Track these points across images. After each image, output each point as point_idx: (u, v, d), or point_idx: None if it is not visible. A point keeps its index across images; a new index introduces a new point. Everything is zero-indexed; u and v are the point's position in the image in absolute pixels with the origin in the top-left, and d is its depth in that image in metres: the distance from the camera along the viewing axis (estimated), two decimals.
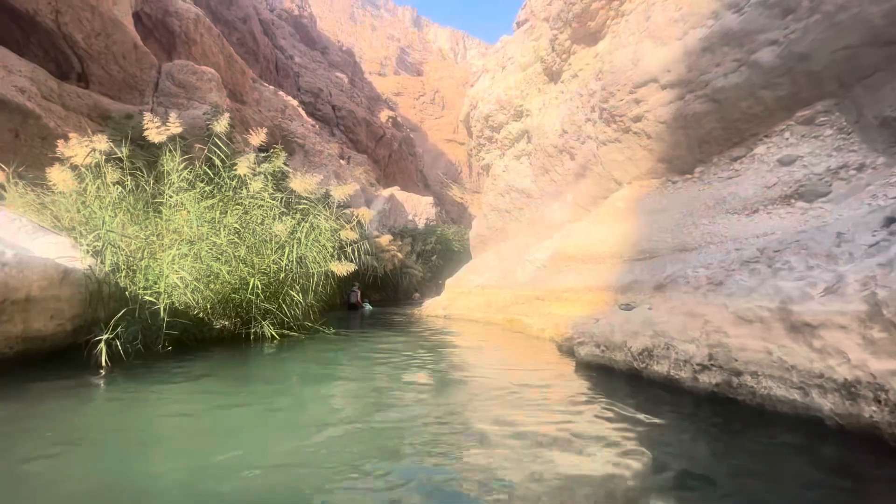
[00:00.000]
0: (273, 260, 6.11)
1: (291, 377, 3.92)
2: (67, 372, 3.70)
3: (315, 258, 6.49)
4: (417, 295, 19.07)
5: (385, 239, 15.54)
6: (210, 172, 6.26)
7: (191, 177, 6.14)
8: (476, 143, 10.91)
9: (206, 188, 6.08)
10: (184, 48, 17.78)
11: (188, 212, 5.71)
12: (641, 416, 2.56)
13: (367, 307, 14.45)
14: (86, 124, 12.02)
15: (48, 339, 4.02)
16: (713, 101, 5.03)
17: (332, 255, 6.89)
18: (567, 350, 4.85)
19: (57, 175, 5.50)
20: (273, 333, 5.62)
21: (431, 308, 10.72)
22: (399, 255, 17.61)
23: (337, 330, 6.76)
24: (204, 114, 13.23)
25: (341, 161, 25.48)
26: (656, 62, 5.47)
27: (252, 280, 5.57)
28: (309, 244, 6.58)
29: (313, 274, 6.48)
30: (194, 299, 4.99)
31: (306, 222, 6.74)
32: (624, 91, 5.93)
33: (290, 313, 6.00)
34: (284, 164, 7.30)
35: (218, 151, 6.25)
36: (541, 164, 8.69)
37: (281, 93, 24.12)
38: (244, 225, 6.06)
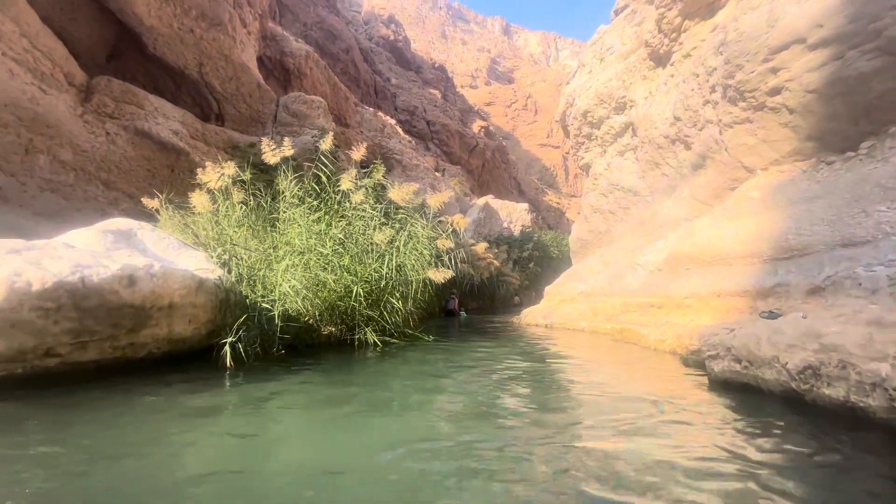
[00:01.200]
0: (374, 268, 6.30)
1: (394, 384, 3.90)
2: (201, 370, 4.11)
3: (413, 266, 6.56)
4: (518, 299, 18.59)
5: (481, 247, 15.45)
6: (317, 188, 6.71)
7: (301, 193, 6.63)
8: (574, 142, 10.33)
9: (314, 203, 6.51)
10: (297, 82, 19.81)
11: (299, 225, 6.16)
12: (820, 458, 1.99)
13: (463, 315, 14.46)
14: (221, 156, 13.88)
15: (187, 340, 4.53)
16: (888, 54, 4.01)
17: (430, 263, 6.92)
18: (695, 364, 4.18)
19: (196, 198, 6.32)
20: (375, 340, 5.75)
21: (531, 316, 10.29)
22: (495, 262, 17.39)
23: (436, 337, 6.74)
24: (312, 136, 14.47)
25: (436, 173, 26.19)
26: (803, 17, 4.54)
27: (355, 288, 5.78)
28: (407, 252, 6.68)
29: (412, 281, 6.55)
30: (304, 306, 5.31)
31: (404, 231, 6.87)
32: (756, 61, 5.05)
33: (391, 320, 6.11)
34: (383, 177, 7.57)
35: (324, 168, 6.68)
36: (649, 157, 7.87)
37: (380, 113, 25.64)
38: (347, 235, 6.35)
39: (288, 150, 6.62)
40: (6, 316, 3.07)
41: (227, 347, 4.17)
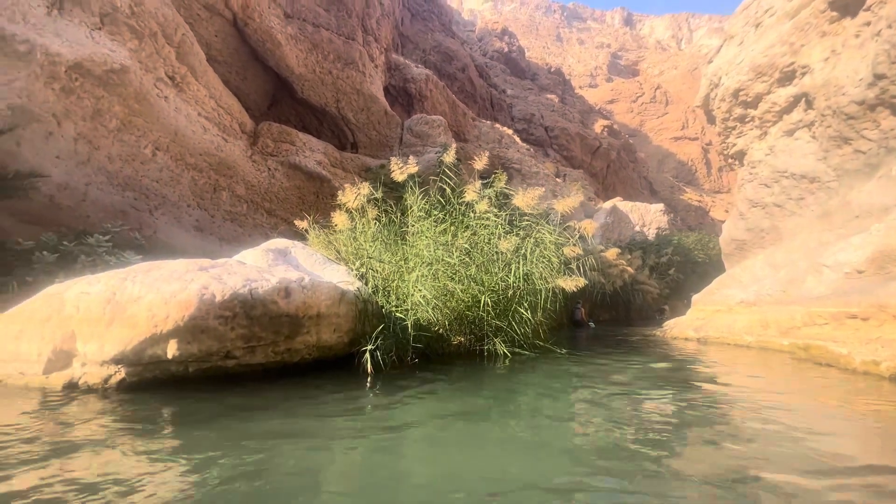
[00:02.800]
0: (500, 277, 6.16)
1: (526, 402, 3.66)
2: (344, 376, 4.39)
3: (541, 274, 6.26)
4: (667, 308, 16.66)
5: (612, 253, 14.29)
6: (442, 201, 6.86)
7: (427, 206, 6.85)
8: (721, 127, 8.93)
9: (439, 215, 6.65)
10: (418, 105, 21.03)
11: (426, 237, 6.34)
12: None
13: (592, 326, 13.50)
14: (356, 179, 15.31)
15: (333, 348, 4.90)
16: None
17: (558, 271, 6.54)
18: None
19: (337, 218, 6.97)
20: (505, 351, 5.57)
21: (678, 329, 9.07)
22: (629, 269, 15.93)
23: (568, 350, 6.30)
24: (436, 153, 15.09)
25: (557, 179, 25.29)
26: None
27: (482, 297, 5.70)
28: (534, 260, 6.41)
29: (540, 290, 6.24)
30: (434, 316, 5.38)
31: (530, 238, 6.62)
32: None
33: (520, 331, 5.88)
34: (505, 186, 7.45)
35: (448, 181, 6.82)
36: (834, 133, 6.35)
37: (497, 125, 25.82)
38: (473, 245, 6.34)
39: (413, 167, 6.93)
40: (197, 323, 3.64)
41: (367, 355, 4.39)
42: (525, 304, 6.08)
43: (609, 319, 15.96)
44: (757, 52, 7.56)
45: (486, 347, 5.73)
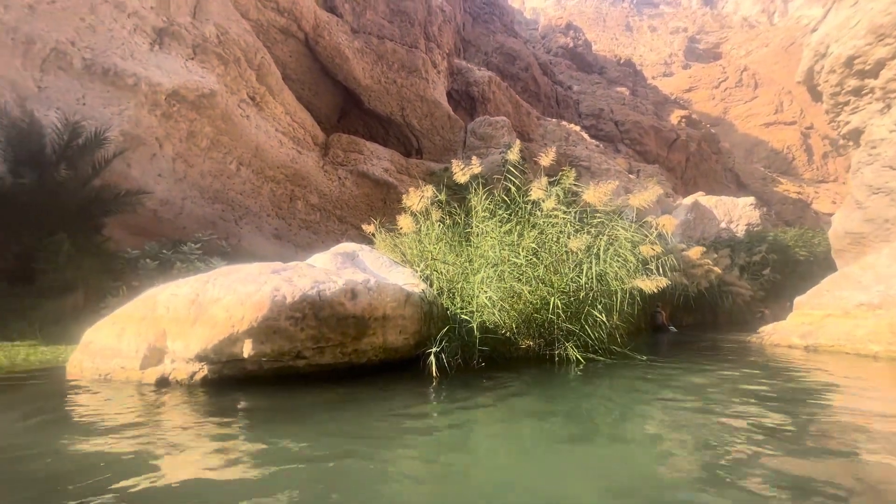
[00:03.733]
0: (571, 278, 5.81)
1: (601, 411, 3.35)
2: (410, 378, 4.34)
3: (616, 274, 5.81)
4: (768, 311, 14.94)
5: (695, 252, 13.09)
6: (507, 200, 6.65)
7: (491, 206, 6.68)
8: (830, 104, 7.79)
9: (504, 214, 6.45)
10: (482, 108, 20.93)
11: (491, 237, 6.17)
12: None
13: (672, 330, 12.44)
14: (421, 184, 15.52)
15: (399, 350, 4.89)
16: None
17: (635, 271, 6.05)
18: None
19: (402, 221, 7.03)
20: (577, 356, 5.22)
21: (778, 335, 8.02)
22: (716, 269, 14.51)
23: (649, 357, 5.77)
24: (500, 153, 14.86)
25: (630, 175, 23.87)
26: None
27: (552, 299, 5.40)
28: (608, 259, 5.98)
29: (615, 291, 5.79)
30: (501, 318, 5.18)
31: (603, 236, 6.19)
32: None
33: (594, 335, 5.49)
34: (573, 182, 7.07)
35: (513, 180, 6.60)
36: None
37: (563, 123, 24.98)
38: (540, 244, 6.05)
39: (476, 168, 6.82)
40: (269, 324, 3.77)
41: (432, 357, 4.30)
42: (599, 307, 5.67)
43: (693, 324, 14.63)
44: (877, 11, 6.47)
45: (556, 352, 5.42)
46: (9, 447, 2.34)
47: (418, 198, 7.04)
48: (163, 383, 3.67)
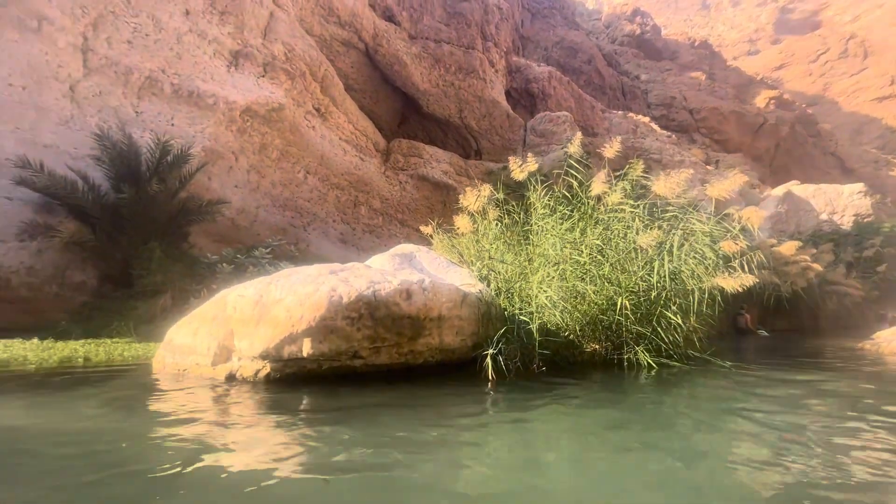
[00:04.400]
0: (641, 276, 5.38)
1: (676, 418, 3.00)
2: (467, 381, 4.21)
3: (693, 272, 5.28)
4: (893, 314, 12.96)
5: (788, 247, 11.70)
6: (568, 196, 6.33)
7: (551, 203, 6.38)
8: None
9: (566, 211, 6.13)
10: (542, 104, 20.38)
11: (552, 235, 5.88)
12: None
13: (762, 333, 11.18)
14: (479, 185, 15.39)
15: (455, 351, 4.78)
16: None
17: (715, 268, 5.46)
18: None
19: (459, 221, 6.96)
20: (649, 361, 4.80)
21: None
22: (815, 266, 12.86)
23: (734, 363, 5.17)
24: (562, 149, 14.33)
25: (708, 167, 21.99)
26: None
27: (619, 299, 5.02)
28: (683, 256, 5.45)
29: (691, 291, 5.26)
30: (563, 320, 4.90)
31: (676, 231, 5.67)
32: None
33: (668, 338, 5.01)
34: (642, 174, 6.56)
35: (575, 175, 6.26)
36: None
37: (630, 114, 23.64)
38: (605, 241, 5.67)
39: (532, 164, 6.59)
40: (327, 323, 3.83)
41: (488, 359, 4.15)
42: (673, 307, 5.18)
43: (788, 328, 13.07)
44: None
45: (625, 356, 5.02)
46: (90, 430, 2.55)
47: (475, 197, 6.93)
48: (231, 379, 3.86)
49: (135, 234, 7.43)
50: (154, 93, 9.35)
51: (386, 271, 4.73)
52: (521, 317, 4.80)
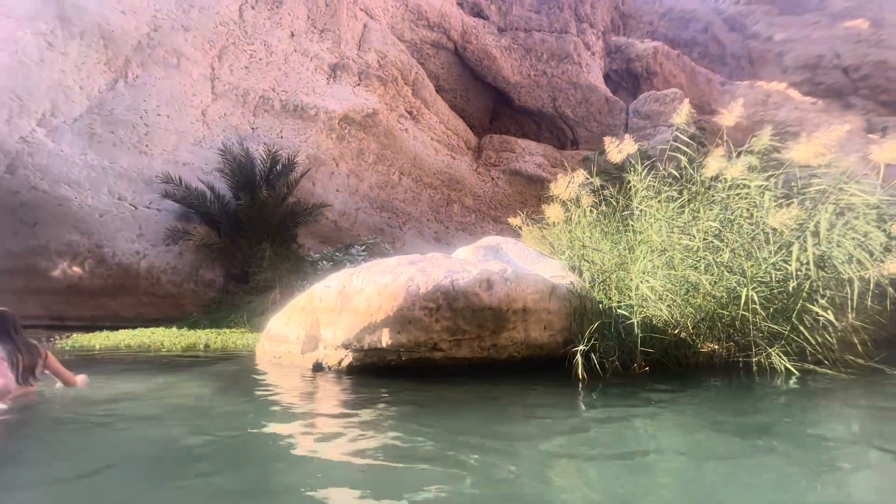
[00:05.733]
0: (773, 264, 4.43)
1: (827, 442, 2.30)
2: (556, 379, 3.83)
3: (851, 257, 4.20)
4: None
5: None
6: (677, 175, 5.51)
7: (657, 185, 5.62)
8: None
9: (673, 191, 5.34)
10: (646, 84, 18.56)
11: (656, 219, 5.16)
12: None
13: None
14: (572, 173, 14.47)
15: (544, 347, 4.39)
16: None
17: (884, 252, 4.30)
18: None
19: (549, 211, 6.51)
20: (787, 366, 3.90)
21: None
22: None
23: None
24: (671, 128, 12.84)
25: (869, 135, 17.99)
26: None
27: (744, 291, 4.17)
28: (835, 237, 4.38)
29: (849, 281, 4.18)
30: (671, 315, 4.23)
31: (825, 207, 4.58)
32: None
33: (813, 339, 4.04)
34: (772, 142, 5.45)
35: (686, 150, 5.44)
36: None
37: (758, 83, 20.41)
38: (724, 223, 4.80)
39: (631, 145, 5.86)
40: (404, 314, 3.75)
41: (578, 357, 3.71)
42: (822, 301, 4.16)
43: None
44: None
45: (754, 359, 4.16)
46: (190, 407, 2.78)
47: (566, 184, 6.43)
48: (317, 368, 3.99)
49: (251, 236, 8.29)
50: (266, 109, 10.40)
51: (467, 261, 4.54)
52: (620, 311, 4.24)
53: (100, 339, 5.30)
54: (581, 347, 3.78)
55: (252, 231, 8.31)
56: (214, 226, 8.39)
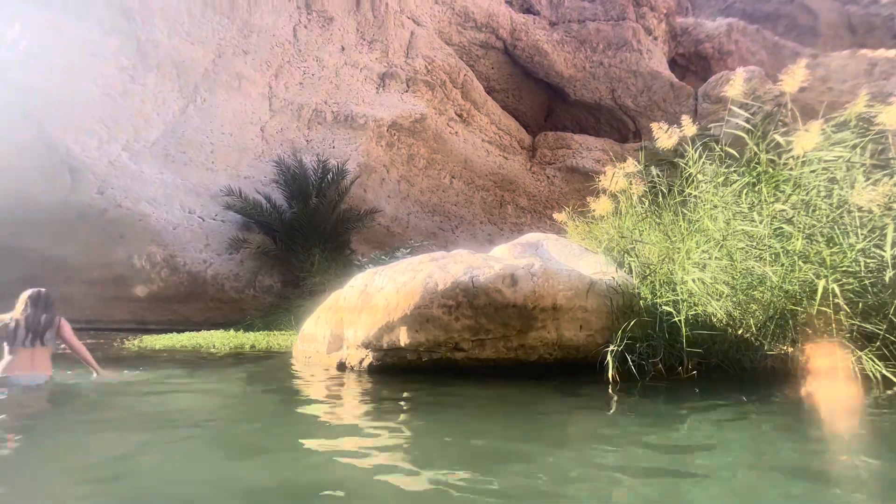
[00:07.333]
0: (861, 250, 3.70)
1: None
2: (591, 384, 3.48)
3: None
4: None
5: None
6: (737, 155, 4.86)
7: (716, 168, 4.99)
8: None
9: (734, 172, 4.70)
10: (718, 65, 16.95)
11: (714, 206, 4.57)
12: None
13: None
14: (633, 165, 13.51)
15: (580, 348, 4.02)
16: None
17: None
18: None
19: (595, 204, 6.09)
20: (882, 372, 3.21)
21: None
22: None
23: None
24: (749, 108, 11.53)
25: None
26: None
27: (820, 284, 3.52)
28: None
29: None
30: (724, 311, 3.68)
31: None
32: None
33: None
34: (866, 108, 4.60)
35: (747, 126, 4.79)
36: None
37: (862, 51, 17.78)
38: (795, 206, 4.12)
39: (689, 128, 5.27)
40: (422, 312, 3.62)
41: (609, 359, 3.34)
42: None
43: None
44: None
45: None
46: (226, 405, 2.89)
47: (612, 175, 5.97)
48: (341, 367, 3.98)
49: (304, 242, 8.66)
50: (319, 122, 10.89)
51: (492, 257, 4.31)
52: (664, 307, 3.77)
53: (163, 341, 5.78)
54: (612, 348, 3.40)
55: (305, 238, 8.68)
56: (271, 234, 8.88)
